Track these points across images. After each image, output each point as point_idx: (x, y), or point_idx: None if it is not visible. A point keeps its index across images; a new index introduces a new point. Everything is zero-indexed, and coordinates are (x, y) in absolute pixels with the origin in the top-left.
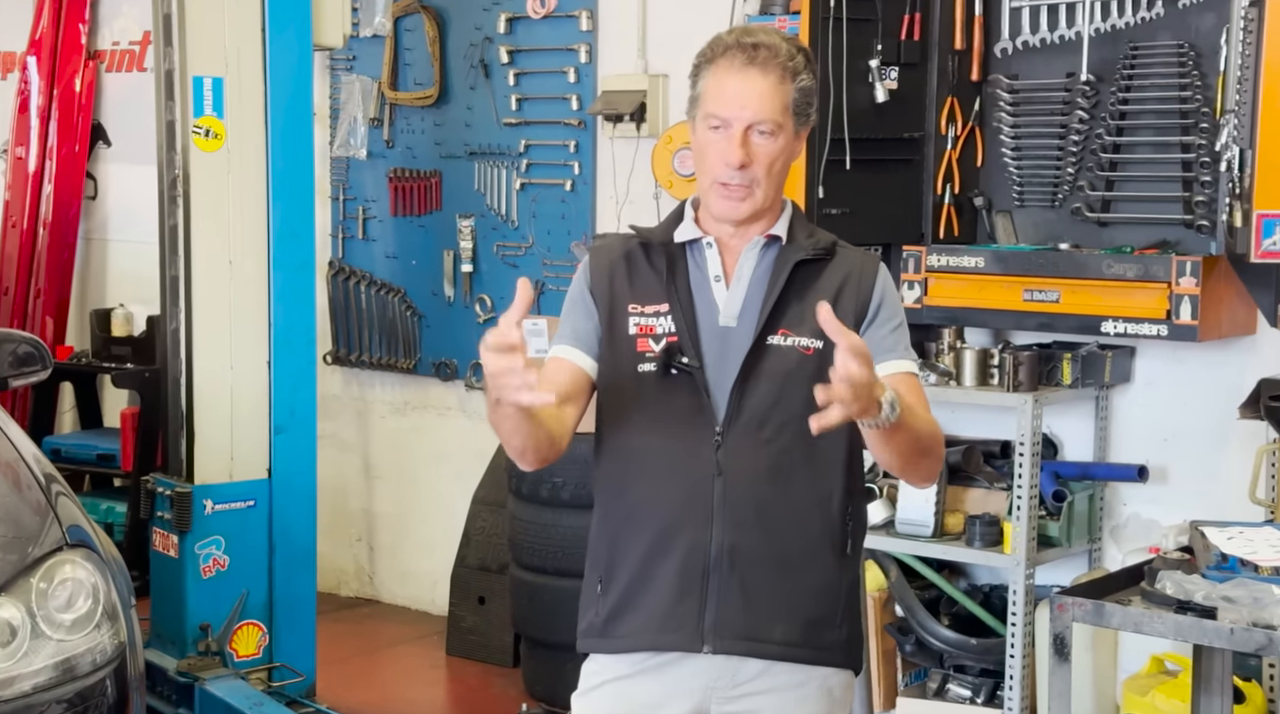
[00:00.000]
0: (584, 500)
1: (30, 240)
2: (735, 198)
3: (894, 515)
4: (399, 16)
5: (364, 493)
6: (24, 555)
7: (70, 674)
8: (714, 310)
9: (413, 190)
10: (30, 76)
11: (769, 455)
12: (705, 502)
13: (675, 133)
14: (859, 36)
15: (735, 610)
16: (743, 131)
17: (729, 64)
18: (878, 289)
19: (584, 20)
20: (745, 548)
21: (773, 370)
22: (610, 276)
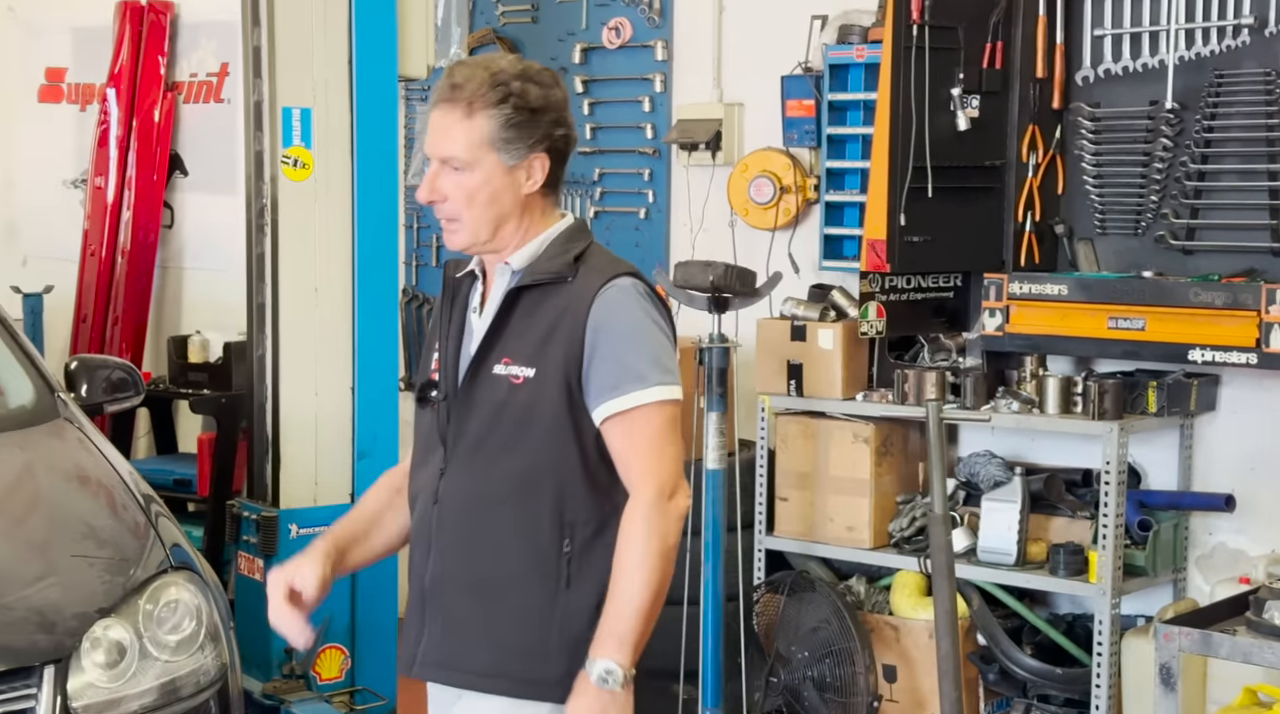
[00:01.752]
0: None
1: (109, 268)
2: (449, 231)
3: (975, 543)
4: (474, 47)
5: None
6: (129, 577)
7: (175, 695)
8: (471, 341)
9: None
10: (110, 108)
11: (479, 485)
12: (428, 529)
13: (751, 160)
14: (941, 65)
15: (437, 637)
16: (436, 168)
17: (433, 103)
18: (591, 322)
19: (659, 50)
20: (450, 575)
21: (486, 400)
22: (438, 310)
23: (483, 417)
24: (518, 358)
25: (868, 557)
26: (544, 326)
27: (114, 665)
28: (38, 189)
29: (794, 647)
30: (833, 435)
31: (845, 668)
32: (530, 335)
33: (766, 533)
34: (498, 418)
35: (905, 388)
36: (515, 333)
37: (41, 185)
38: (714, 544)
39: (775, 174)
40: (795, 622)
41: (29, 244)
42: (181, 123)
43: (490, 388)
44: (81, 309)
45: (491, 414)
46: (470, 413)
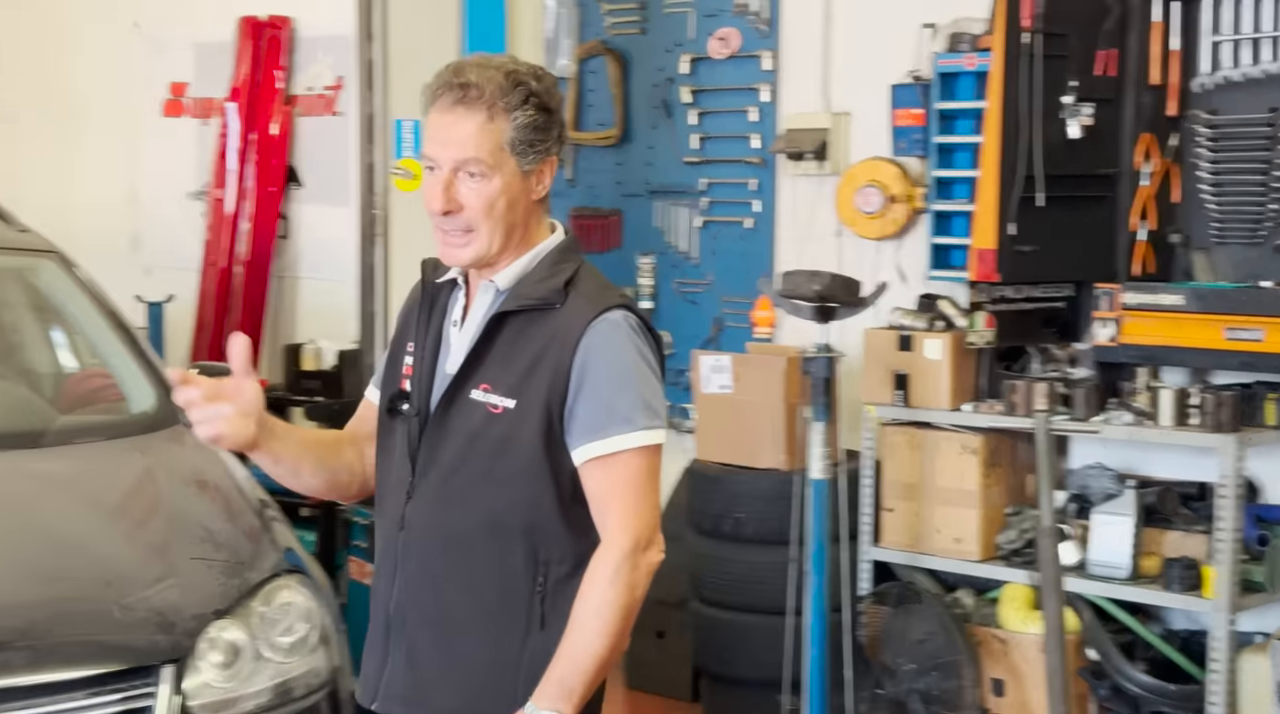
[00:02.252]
0: (766, 536)
1: (227, 278)
2: (454, 244)
3: (1086, 557)
4: (583, 58)
5: None
6: (244, 580)
7: (287, 697)
8: (446, 355)
9: (594, 228)
10: (230, 121)
11: (449, 515)
12: (393, 555)
13: (858, 170)
14: (1052, 73)
15: (401, 671)
16: (449, 174)
17: (440, 104)
18: (579, 358)
19: (766, 60)
20: (415, 606)
21: (461, 427)
22: (409, 313)
23: (456, 445)
24: (498, 386)
25: (975, 569)
26: (528, 357)
27: (229, 666)
28: (161, 201)
29: (900, 659)
30: (939, 446)
31: (952, 681)
32: (513, 364)
33: (873, 544)
34: (472, 447)
35: (1014, 399)
36: (497, 359)
37: (165, 197)
38: (818, 555)
39: (883, 183)
40: (901, 633)
41: (152, 255)
42: (298, 135)
43: (466, 414)
44: (201, 318)
45: (465, 443)
46: (444, 438)
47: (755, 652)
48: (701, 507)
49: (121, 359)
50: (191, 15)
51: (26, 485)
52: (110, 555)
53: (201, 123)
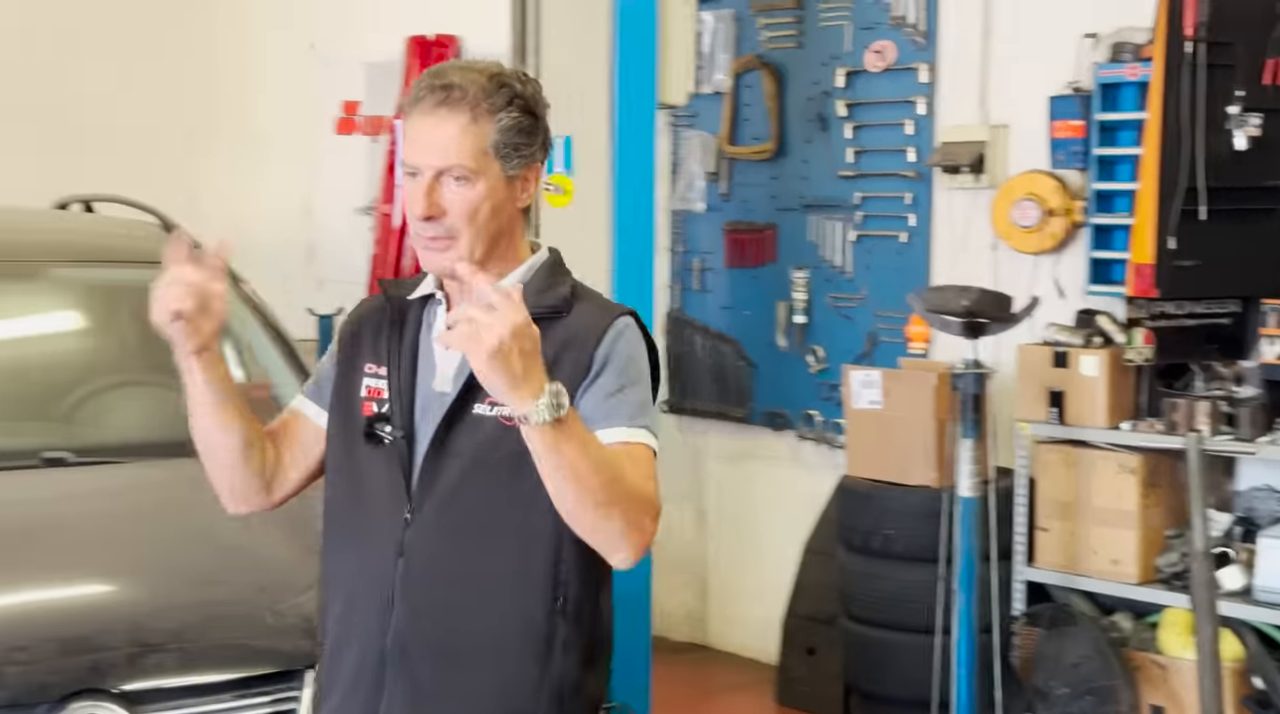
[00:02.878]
0: (916, 553)
1: None
2: (436, 249)
3: (1252, 582)
4: (739, 73)
5: (698, 540)
6: None
7: None
8: (433, 374)
9: (748, 243)
10: (397, 138)
11: (455, 538)
12: (386, 584)
13: (1016, 183)
14: (1217, 82)
15: (401, 707)
16: (432, 179)
17: (420, 108)
18: (601, 351)
19: (923, 73)
20: (419, 639)
21: (468, 443)
22: (357, 331)
23: (463, 464)
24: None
25: (1134, 592)
26: (561, 367)
27: None
28: (334, 216)
29: (1053, 682)
30: (1096, 465)
31: (1107, 706)
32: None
33: (1027, 564)
34: (484, 464)
35: (1174, 418)
36: None
37: (336, 212)
38: (967, 573)
39: (1040, 197)
40: (1055, 656)
41: (325, 268)
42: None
43: (473, 431)
44: None
45: (472, 463)
46: (447, 459)
47: (904, 670)
48: (851, 523)
49: (280, 370)
50: (362, 36)
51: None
52: (265, 561)
53: (372, 140)
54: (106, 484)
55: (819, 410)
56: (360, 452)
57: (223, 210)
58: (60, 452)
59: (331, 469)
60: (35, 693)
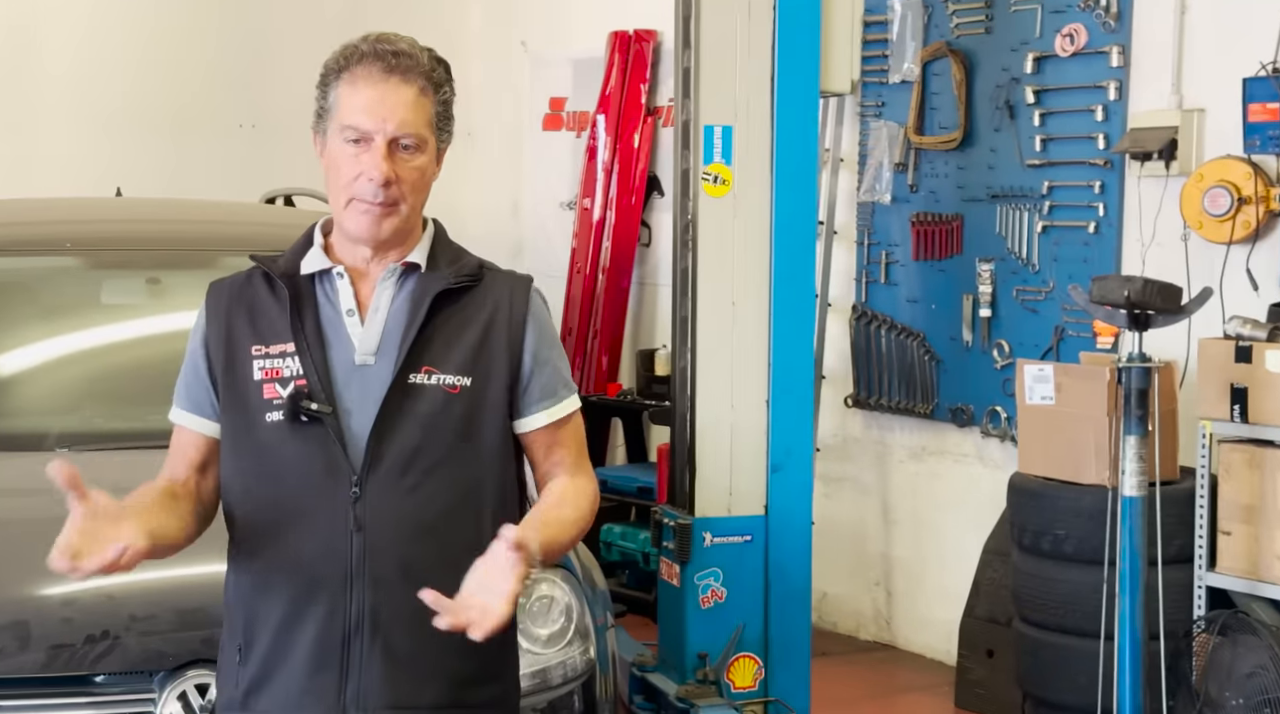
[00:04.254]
0: (1088, 554)
1: (591, 285)
2: (376, 216)
3: None
4: (927, 61)
5: (882, 537)
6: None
7: (543, 684)
8: (349, 348)
9: (934, 234)
10: (598, 133)
11: (413, 506)
12: (342, 561)
13: (1207, 170)
14: None
15: (378, 679)
16: (385, 145)
17: (367, 73)
18: (531, 322)
19: (1115, 56)
20: (388, 609)
21: (415, 412)
22: (226, 319)
23: (410, 432)
24: (445, 366)
25: None
26: (475, 333)
27: None
28: (539, 210)
29: (1227, 692)
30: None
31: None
32: (458, 342)
33: (1208, 569)
34: (433, 431)
35: None
36: (437, 339)
37: (543, 207)
38: (1131, 577)
39: (1233, 184)
40: (1228, 665)
41: (532, 262)
42: (660, 146)
43: (420, 399)
44: (567, 322)
45: (422, 428)
46: (393, 429)
47: (1075, 676)
48: (1022, 522)
49: None
50: (570, 32)
51: None
52: None
53: (576, 135)
54: None
55: (1003, 406)
56: (269, 436)
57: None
58: None
59: (234, 462)
60: (152, 661)
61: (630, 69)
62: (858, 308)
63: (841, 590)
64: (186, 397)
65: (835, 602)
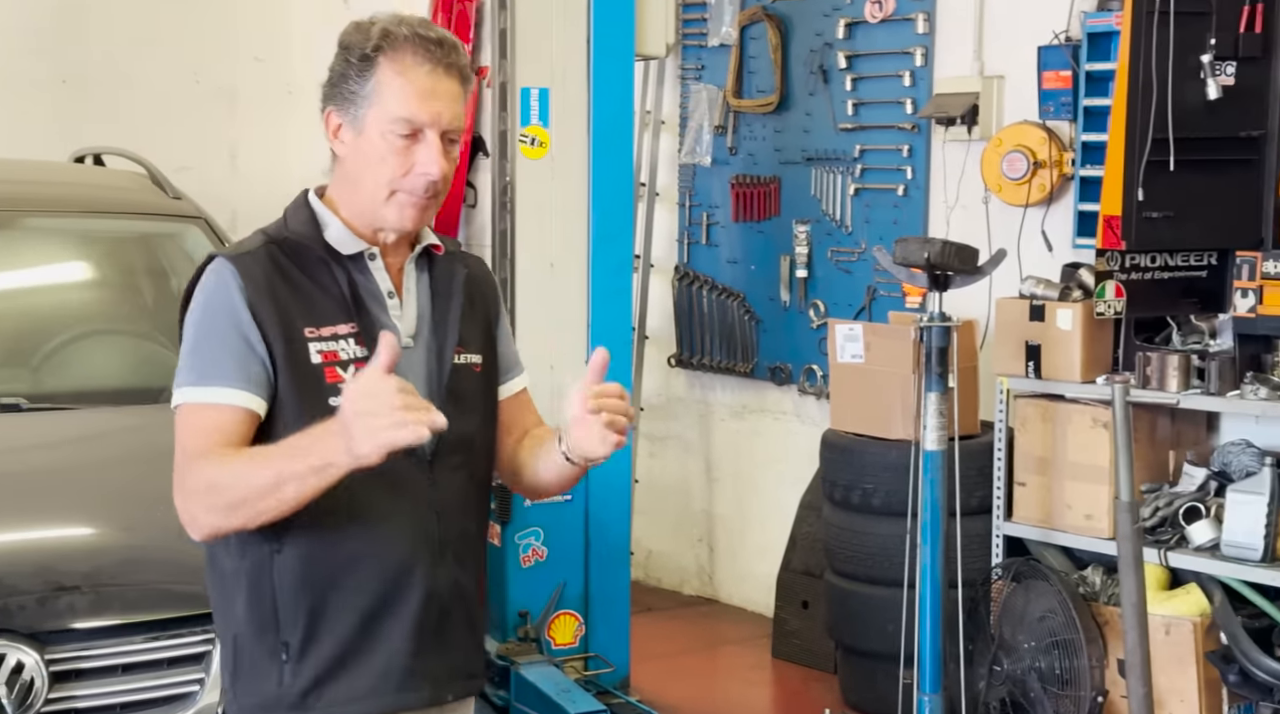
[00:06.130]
0: (895, 507)
1: None
2: (421, 208)
3: (1220, 536)
4: (745, 25)
5: (705, 494)
6: None
7: None
8: (394, 331)
9: (753, 196)
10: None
11: (466, 481)
12: (429, 543)
13: (1005, 135)
14: (1188, 30)
15: (466, 650)
16: (439, 139)
17: (416, 63)
18: (498, 294)
19: (920, 23)
20: (467, 583)
21: (460, 392)
22: (270, 291)
23: (461, 411)
24: (468, 345)
25: (1106, 546)
26: (478, 311)
27: None
28: None
29: (1020, 636)
30: (1071, 420)
31: (1071, 660)
32: (470, 321)
33: (1005, 519)
34: (474, 409)
35: (1148, 371)
36: (463, 318)
37: None
38: (933, 528)
39: (1030, 148)
40: (1022, 610)
41: None
42: (484, 106)
43: (460, 380)
44: None
45: (470, 407)
46: (459, 410)
47: (881, 624)
48: (833, 477)
49: None
50: None
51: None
52: None
53: None
54: (53, 431)
55: (819, 365)
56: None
57: (261, 167)
58: (15, 398)
59: None
60: None
61: (454, 29)
62: (680, 269)
63: (666, 547)
64: (239, 373)
65: (660, 559)
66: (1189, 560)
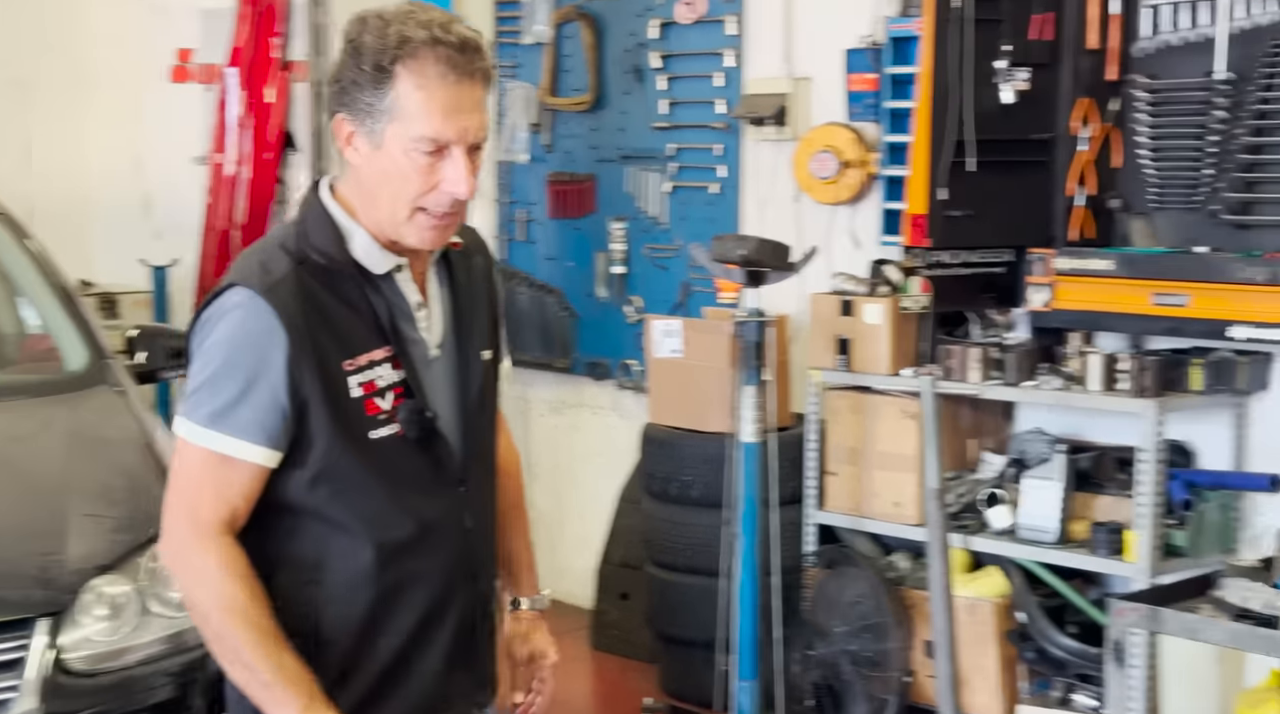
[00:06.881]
0: (712, 498)
1: (227, 242)
2: (446, 226)
3: (1017, 521)
4: (559, 24)
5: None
6: (135, 537)
7: (177, 648)
8: (422, 344)
9: (570, 194)
10: (229, 87)
11: (489, 490)
12: (464, 560)
13: (815, 135)
14: (985, 37)
15: (488, 660)
16: (465, 155)
17: (439, 72)
18: (497, 276)
19: (731, 25)
20: (489, 591)
21: (481, 397)
22: (309, 333)
23: (484, 418)
24: (481, 341)
25: (913, 532)
26: (482, 301)
27: (113, 619)
28: (169, 166)
29: (832, 620)
30: (880, 411)
31: (882, 643)
32: (478, 314)
33: (817, 508)
34: (491, 411)
35: (950, 364)
36: (474, 315)
37: (173, 163)
38: (749, 519)
39: (838, 149)
40: (835, 596)
41: (163, 219)
42: (295, 101)
43: (484, 382)
44: (203, 281)
45: (488, 411)
46: (474, 414)
47: (699, 613)
48: (652, 470)
49: (59, 319)
50: None
51: None
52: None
53: (206, 88)
54: None
55: (636, 360)
56: (379, 454)
57: (56, 162)
58: None
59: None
60: None
61: (261, 22)
62: (498, 266)
63: None
64: (254, 426)
65: None
66: (989, 544)
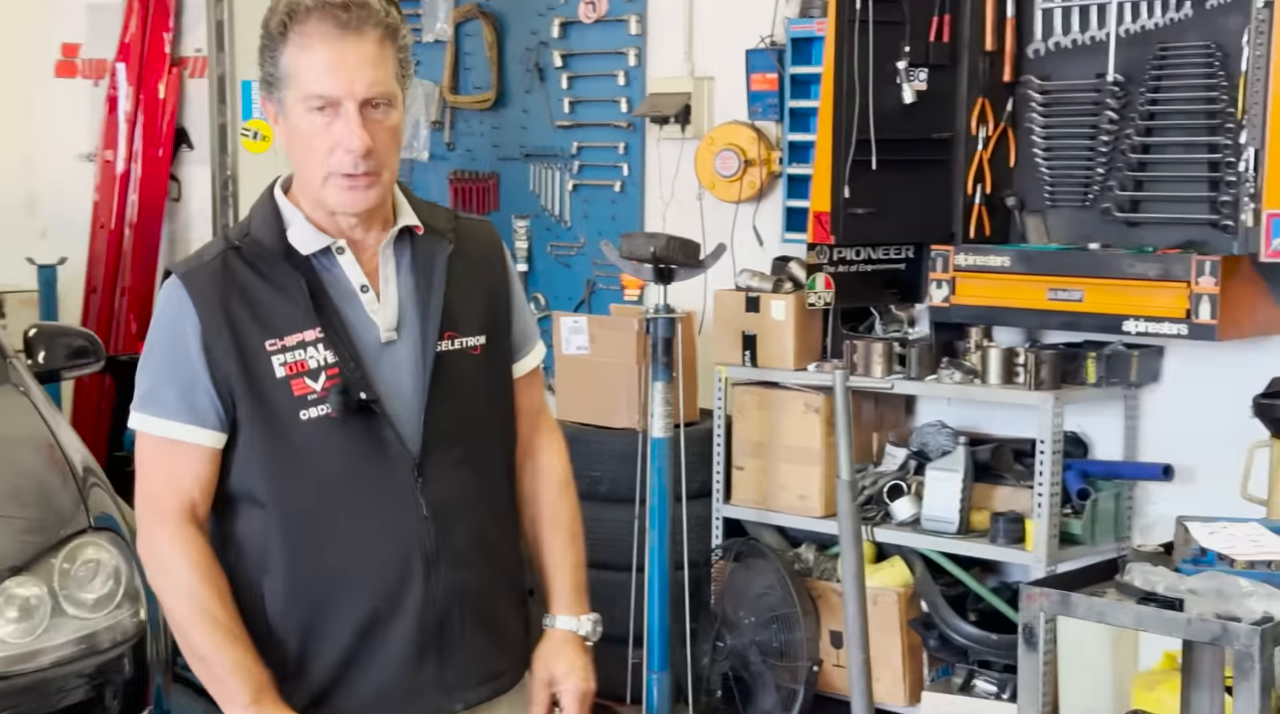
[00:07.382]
0: (621, 494)
1: (117, 241)
2: (360, 187)
3: (920, 512)
4: (460, 22)
5: None
6: (46, 538)
7: (91, 650)
8: (370, 327)
9: (472, 192)
10: (119, 83)
11: (470, 475)
12: (422, 546)
13: (717, 134)
14: (886, 38)
15: (474, 653)
16: (357, 110)
17: (319, 31)
18: (510, 265)
19: (633, 24)
20: (472, 581)
21: (453, 382)
22: (224, 312)
23: (455, 402)
24: (464, 328)
25: (818, 525)
26: (478, 287)
27: (25, 620)
28: (56, 163)
29: (741, 612)
30: (785, 405)
31: (789, 633)
32: (469, 300)
33: (724, 501)
34: (471, 398)
35: (854, 359)
36: (452, 302)
37: (59, 160)
38: (660, 513)
39: (740, 147)
40: (743, 588)
41: (48, 217)
42: (187, 97)
43: (453, 367)
44: (92, 281)
45: (463, 397)
46: (440, 404)
47: (610, 607)
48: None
49: None
50: None
51: None
52: None
53: (94, 84)
54: None
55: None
56: (309, 436)
57: None
58: None
59: (267, 472)
60: None
61: (152, 17)
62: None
63: None
64: (182, 406)
65: None
66: (893, 535)
